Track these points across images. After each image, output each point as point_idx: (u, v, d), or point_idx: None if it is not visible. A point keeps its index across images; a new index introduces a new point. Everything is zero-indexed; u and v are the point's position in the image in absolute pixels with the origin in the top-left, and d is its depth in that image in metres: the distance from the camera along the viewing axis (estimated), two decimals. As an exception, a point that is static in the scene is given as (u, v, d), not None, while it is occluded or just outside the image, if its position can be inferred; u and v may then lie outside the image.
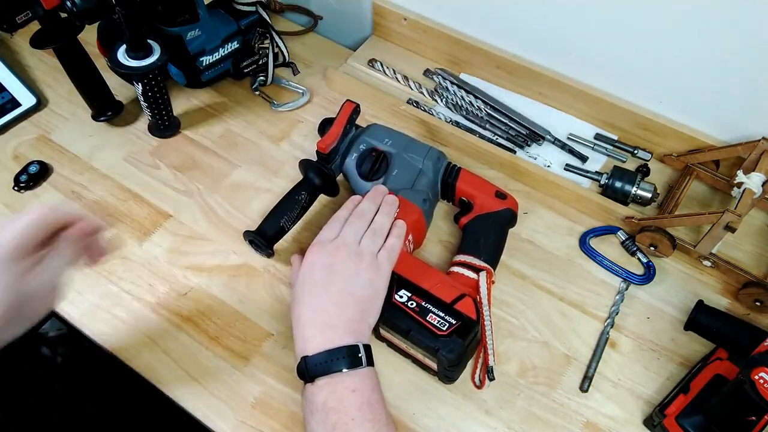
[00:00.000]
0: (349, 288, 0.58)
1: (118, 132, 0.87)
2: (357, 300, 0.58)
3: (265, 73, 0.92)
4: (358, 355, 0.54)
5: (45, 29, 0.74)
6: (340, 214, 0.66)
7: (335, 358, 0.54)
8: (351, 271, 0.59)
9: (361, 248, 0.61)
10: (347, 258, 0.60)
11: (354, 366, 0.54)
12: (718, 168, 0.80)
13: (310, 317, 0.57)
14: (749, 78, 0.71)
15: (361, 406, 0.53)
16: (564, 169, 0.82)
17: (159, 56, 0.75)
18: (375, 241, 0.63)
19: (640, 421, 0.63)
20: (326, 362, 0.54)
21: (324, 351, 0.54)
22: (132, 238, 0.76)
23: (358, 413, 0.52)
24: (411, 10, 0.92)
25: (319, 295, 0.58)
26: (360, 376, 0.54)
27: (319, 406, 0.53)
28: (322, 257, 0.60)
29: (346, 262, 0.60)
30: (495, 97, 0.89)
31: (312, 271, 0.60)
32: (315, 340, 0.55)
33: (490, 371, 0.64)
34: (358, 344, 0.55)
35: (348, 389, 0.53)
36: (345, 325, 0.56)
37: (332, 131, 0.72)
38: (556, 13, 0.79)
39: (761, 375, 0.48)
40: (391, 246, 0.63)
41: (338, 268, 0.59)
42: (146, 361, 0.67)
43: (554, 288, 0.73)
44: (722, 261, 0.71)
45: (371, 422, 0.52)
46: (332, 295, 0.58)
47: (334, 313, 0.57)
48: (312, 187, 0.72)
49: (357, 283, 0.59)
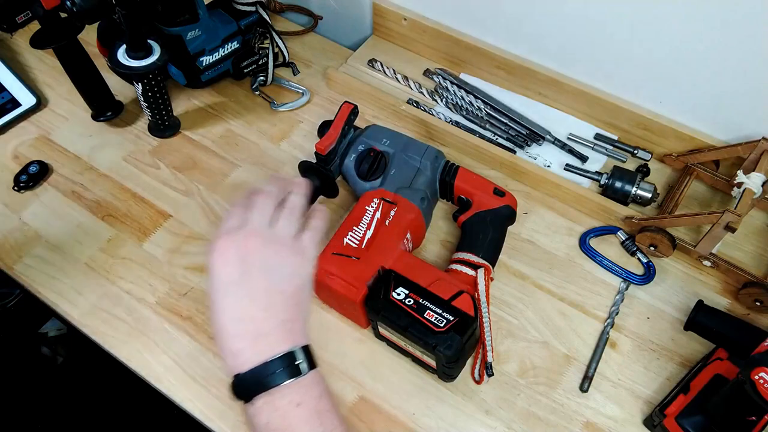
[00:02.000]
0: (274, 283, 0.49)
1: (118, 132, 0.87)
2: (286, 296, 0.49)
3: (265, 73, 0.92)
4: (295, 363, 0.47)
5: (45, 29, 0.74)
6: (243, 201, 0.54)
7: (271, 372, 0.46)
8: (272, 261, 0.50)
9: (278, 232, 0.52)
10: (263, 246, 0.50)
11: (294, 375, 0.47)
12: (718, 168, 0.80)
13: (236, 328, 0.48)
14: (749, 78, 0.71)
15: (310, 419, 0.46)
16: (564, 169, 0.82)
17: (159, 56, 0.75)
18: (292, 222, 0.53)
19: (640, 421, 0.63)
20: (262, 378, 0.46)
21: (258, 365, 0.46)
22: (132, 238, 0.76)
23: (306, 427, 0.46)
24: (411, 10, 0.92)
25: (241, 298, 0.48)
26: (303, 387, 0.47)
27: (263, 429, 0.46)
28: (234, 250, 0.49)
29: (263, 252, 0.50)
30: (495, 97, 0.89)
31: (225, 270, 0.49)
32: (245, 355, 0.47)
33: (488, 367, 0.64)
34: (295, 350, 0.48)
35: (292, 404, 0.46)
36: (277, 329, 0.48)
37: (330, 133, 0.72)
38: (556, 13, 0.79)
39: (761, 375, 0.48)
40: (314, 227, 0.55)
41: (255, 261, 0.49)
42: (146, 361, 0.67)
43: (554, 288, 0.73)
44: (722, 261, 0.71)
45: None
46: (256, 297, 0.48)
47: (262, 319, 0.48)
48: (311, 187, 0.72)
49: (282, 274, 0.50)
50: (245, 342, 0.48)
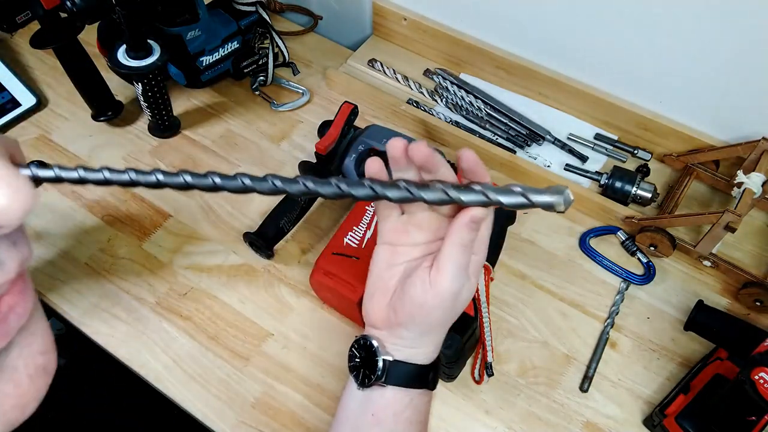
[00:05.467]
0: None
1: (118, 132, 0.87)
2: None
3: (265, 73, 0.92)
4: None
5: (45, 29, 0.74)
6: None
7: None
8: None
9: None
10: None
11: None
12: (718, 168, 0.80)
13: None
14: (749, 78, 0.71)
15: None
16: (564, 169, 0.82)
17: (159, 56, 0.75)
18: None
19: (640, 421, 0.63)
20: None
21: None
22: (132, 238, 0.76)
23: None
24: (411, 10, 0.92)
25: None
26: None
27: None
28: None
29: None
30: (495, 97, 0.89)
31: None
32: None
33: (488, 367, 0.64)
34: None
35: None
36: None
37: (330, 133, 0.72)
38: (557, 14, 0.79)
39: (761, 375, 0.48)
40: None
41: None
42: (146, 361, 0.67)
43: (554, 288, 0.73)
44: (722, 261, 0.71)
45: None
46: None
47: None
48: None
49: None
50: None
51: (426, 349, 0.47)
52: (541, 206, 0.37)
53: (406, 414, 0.46)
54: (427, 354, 0.47)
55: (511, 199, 0.37)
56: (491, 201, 0.38)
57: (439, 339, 0.47)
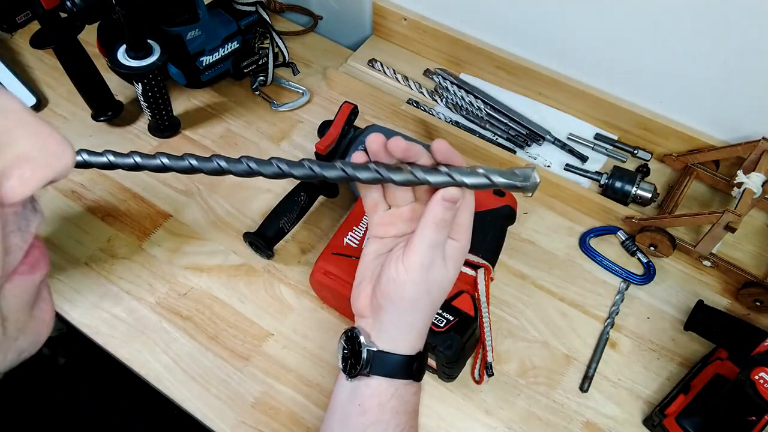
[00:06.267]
0: None
1: (118, 132, 0.87)
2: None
3: (265, 73, 0.92)
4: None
5: (45, 29, 0.74)
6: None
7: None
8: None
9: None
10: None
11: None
12: (718, 168, 0.80)
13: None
14: (749, 78, 0.71)
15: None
16: (564, 169, 0.82)
17: (159, 56, 0.75)
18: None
19: (640, 421, 0.63)
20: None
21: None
22: (132, 238, 0.76)
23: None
24: (411, 10, 0.92)
25: None
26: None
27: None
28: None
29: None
30: (495, 97, 0.89)
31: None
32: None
33: (488, 367, 0.64)
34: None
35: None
36: None
37: (330, 133, 0.72)
38: (557, 14, 0.79)
39: (761, 375, 0.48)
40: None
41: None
42: (146, 361, 0.67)
43: (554, 288, 0.73)
44: (722, 261, 0.71)
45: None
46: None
47: None
48: (311, 188, 0.73)
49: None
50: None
51: (408, 336, 0.48)
52: (504, 187, 0.40)
53: (391, 404, 0.47)
54: (411, 343, 0.48)
55: (475, 180, 0.41)
56: (456, 182, 0.42)
57: (420, 326, 0.48)
